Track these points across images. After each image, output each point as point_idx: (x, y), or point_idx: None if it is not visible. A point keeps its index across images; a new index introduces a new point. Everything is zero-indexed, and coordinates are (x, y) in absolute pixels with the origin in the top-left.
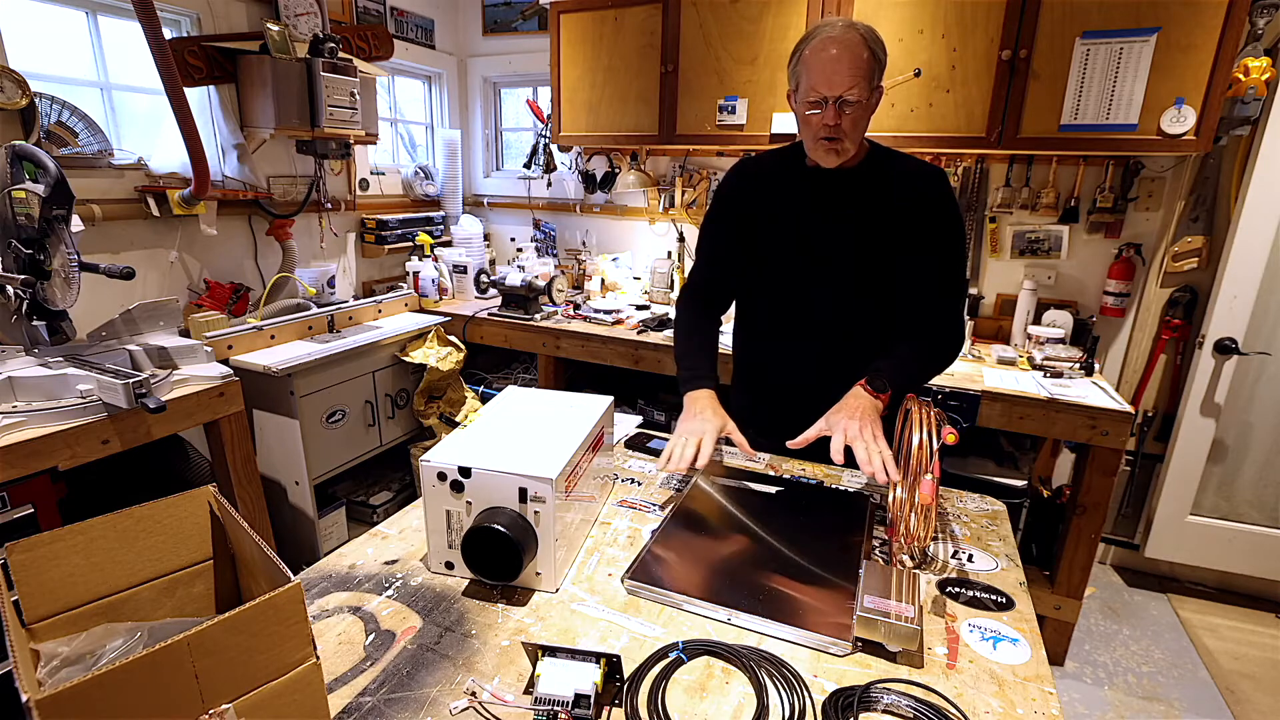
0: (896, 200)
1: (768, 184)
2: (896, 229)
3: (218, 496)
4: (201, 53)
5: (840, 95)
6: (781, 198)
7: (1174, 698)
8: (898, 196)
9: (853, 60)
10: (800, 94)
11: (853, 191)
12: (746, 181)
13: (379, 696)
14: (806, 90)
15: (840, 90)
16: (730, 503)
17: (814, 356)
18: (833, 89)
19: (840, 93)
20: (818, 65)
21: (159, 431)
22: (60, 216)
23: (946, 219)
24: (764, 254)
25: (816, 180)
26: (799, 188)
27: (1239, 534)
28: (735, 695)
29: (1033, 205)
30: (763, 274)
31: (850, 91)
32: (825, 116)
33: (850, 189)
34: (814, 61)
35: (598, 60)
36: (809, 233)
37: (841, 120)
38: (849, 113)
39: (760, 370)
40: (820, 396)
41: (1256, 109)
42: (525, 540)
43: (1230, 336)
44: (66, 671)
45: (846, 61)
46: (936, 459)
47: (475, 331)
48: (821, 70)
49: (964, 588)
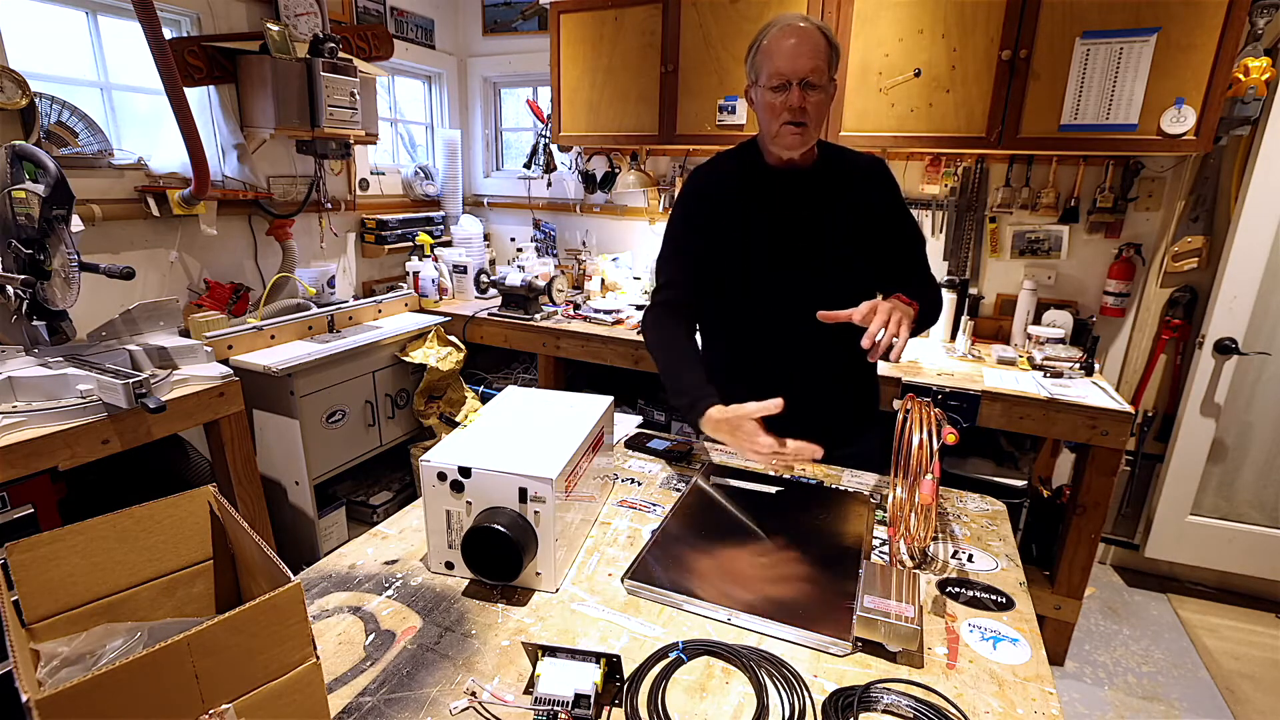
0: (856, 195)
1: (728, 191)
2: (860, 222)
3: (218, 496)
4: (201, 53)
5: (805, 77)
6: (745, 203)
7: (1174, 698)
8: (857, 191)
9: (813, 45)
10: (762, 81)
11: (814, 190)
12: (706, 191)
13: (379, 696)
14: (769, 76)
15: (805, 72)
16: (730, 503)
17: (790, 357)
18: (796, 71)
19: (805, 74)
20: (779, 51)
21: (159, 431)
22: (60, 216)
23: (899, 201)
24: (734, 261)
25: (778, 182)
26: (762, 191)
27: (1239, 534)
28: (735, 695)
29: (1033, 205)
30: (734, 281)
31: (813, 74)
32: (790, 98)
33: (811, 188)
34: (775, 48)
35: (598, 60)
36: (778, 234)
37: (806, 103)
38: (812, 96)
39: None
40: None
41: (1256, 109)
42: (525, 540)
43: (1230, 336)
44: (66, 671)
45: (808, 46)
46: (936, 459)
47: (475, 331)
48: (785, 54)
49: (964, 588)
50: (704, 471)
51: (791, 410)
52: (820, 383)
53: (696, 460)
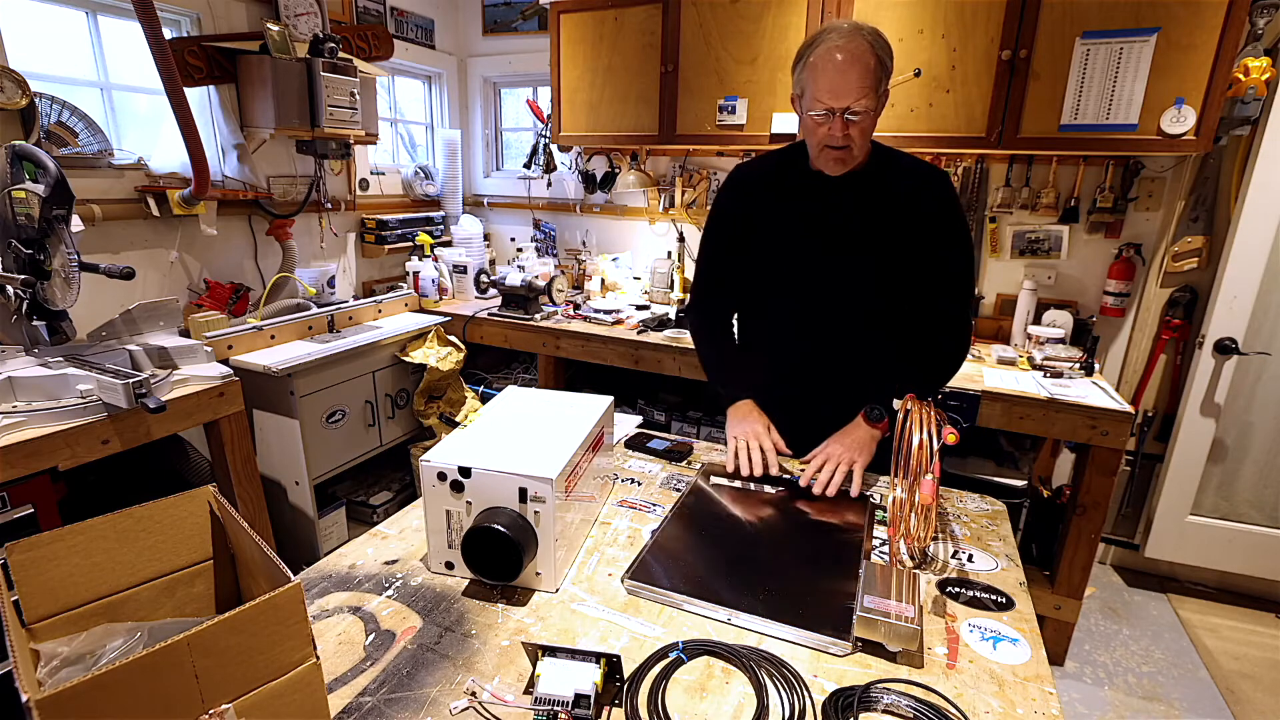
0: (903, 202)
1: (768, 189)
2: (903, 231)
3: (218, 496)
4: (201, 53)
5: (848, 106)
6: (784, 202)
7: (1174, 698)
8: (904, 198)
9: (861, 71)
10: (805, 102)
11: (857, 192)
12: (745, 189)
13: (379, 696)
14: (811, 101)
15: (848, 102)
16: (730, 503)
17: (821, 359)
18: (839, 100)
19: (848, 104)
20: (824, 76)
21: (159, 431)
22: (60, 216)
23: (953, 222)
24: (770, 259)
25: (820, 182)
26: (802, 190)
27: (1239, 534)
28: (735, 695)
29: (1033, 205)
30: (769, 279)
31: (858, 103)
32: (832, 128)
33: (855, 190)
34: (820, 71)
35: (598, 60)
36: (815, 236)
37: (850, 130)
38: (856, 122)
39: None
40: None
41: (1256, 109)
42: (525, 540)
43: (1230, 336)
44: (66, 671)
45: (855, 73)
46: (937, 459)
47: (475, 331)
48: (828, 81)
49: (964, 588)
50: (704, 471)
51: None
52: (846, 374)
53: (696, 460)
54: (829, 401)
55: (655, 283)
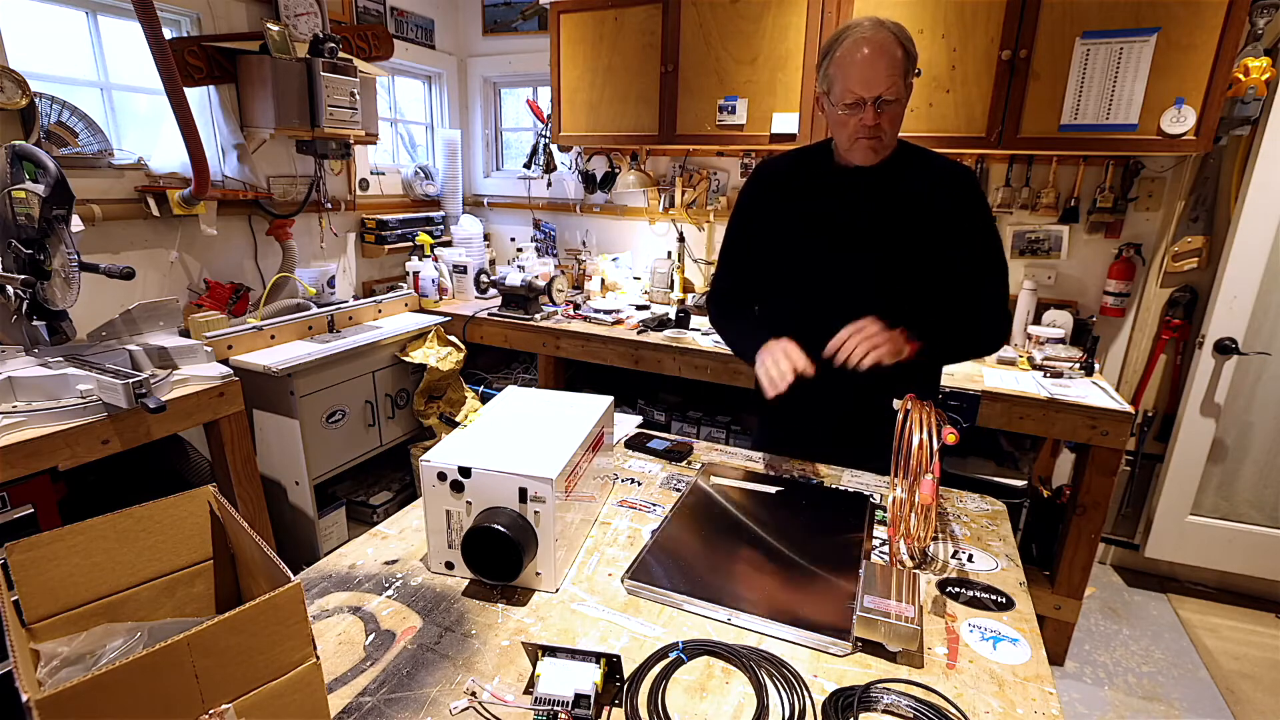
0: (929, 199)
1: (792, 185)
2: (930, 227)
3: (218, 496)
4: (201, 53)
5: (879, 95)
6: (809, 198)
7: (1174, 698)
8: (930, 195)
9: (888, 60)
10: (835, 96)
11: (883, 188)
12: (769, 184)
13: (379, 696)
14: (842, 93)
15: (879, 90)
16: (730, 503)
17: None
18: (870, 90)
19: (879, 93)
20: (853, 67)
21: (159, 431)
22: (60, 216)
23: (982, 219)
24: (793, 256)
25: (845, 178)
26: (827, 187)
27: (1239, 534)
28: (735, 695)
29: (1033, 205)
30: (791, 276)
31: (888, 91)
32: (865, 118)
33: (880, 186)
34: (848, 63)
35: (598, 60)
36: (840, 231)
37: (881, 119)
38: (887, 110)
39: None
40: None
41: (1256, 109)
42: (525, 540)
43: (1230, 336)
44: (66, 671)
45: (883, 62)
46: (937, 459)
47: (475, 331)
48: (858, 72)
49: (964, 588)
50: (704, 471)
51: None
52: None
53: (696, 460)
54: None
55: (655, 283)
